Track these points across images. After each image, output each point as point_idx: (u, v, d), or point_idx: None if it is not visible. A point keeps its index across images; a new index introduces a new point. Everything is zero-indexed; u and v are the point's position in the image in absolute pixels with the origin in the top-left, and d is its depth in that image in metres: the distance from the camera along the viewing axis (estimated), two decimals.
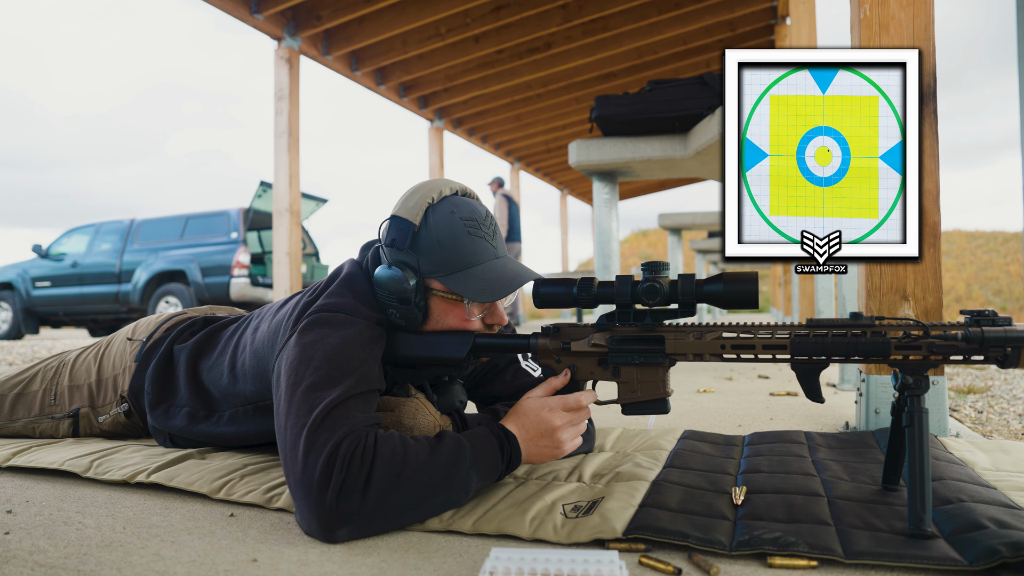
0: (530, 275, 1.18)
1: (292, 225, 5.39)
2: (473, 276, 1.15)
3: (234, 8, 5.02)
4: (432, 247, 1.16)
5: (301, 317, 1.15)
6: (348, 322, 1.13)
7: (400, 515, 0.97)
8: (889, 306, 1.64)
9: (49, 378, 1.66)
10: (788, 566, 0.85)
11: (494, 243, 1.20)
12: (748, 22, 6.74)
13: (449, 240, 1.16)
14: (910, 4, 1.64)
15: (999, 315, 0.92)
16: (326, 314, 1.13)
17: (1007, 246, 17.84)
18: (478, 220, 1.19)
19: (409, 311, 1.17)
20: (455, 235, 1.16)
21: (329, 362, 1.05)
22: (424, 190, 1.19)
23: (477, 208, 1.21)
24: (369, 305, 1.18)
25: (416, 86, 7.30)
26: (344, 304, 1.15)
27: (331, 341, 1.09)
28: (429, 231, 1.16)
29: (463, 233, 1.16)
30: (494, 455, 1.06)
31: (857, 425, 1.74)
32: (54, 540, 0.98)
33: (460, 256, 1.16)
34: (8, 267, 8.41)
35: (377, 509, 0.94)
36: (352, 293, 1.19)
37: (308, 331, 1.11)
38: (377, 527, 0.96)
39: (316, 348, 1.08)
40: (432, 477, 0.98)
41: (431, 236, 1.16)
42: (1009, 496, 1.08)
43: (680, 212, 6.15)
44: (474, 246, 1.17)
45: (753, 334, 1.01)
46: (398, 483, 0.95)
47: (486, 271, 1.16)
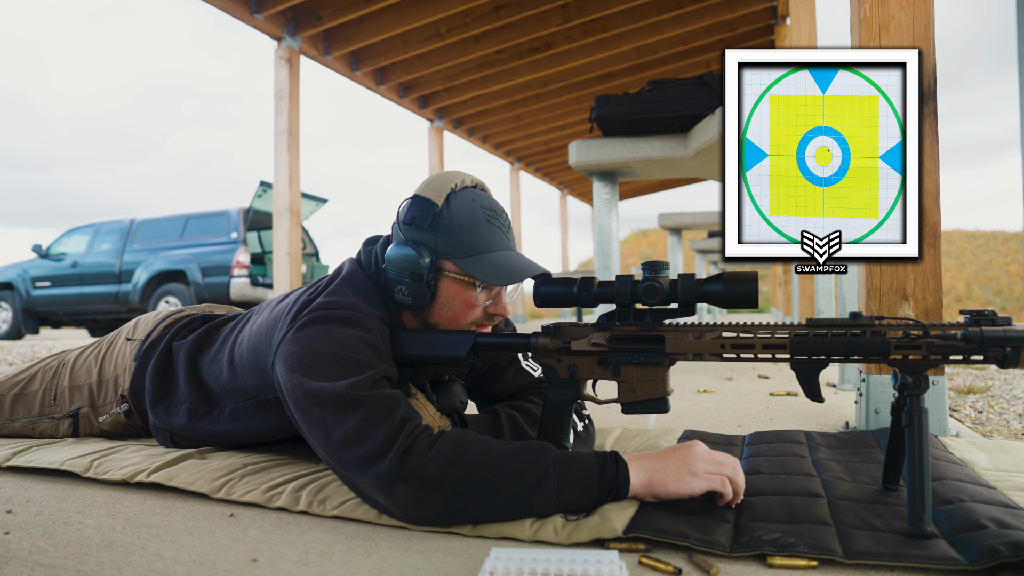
0: (540, 268, 1.20)
1: (292, 225, 5.39)
2: (488, 261, 1.17)
3: (234, 8, 5.02)
4: (452, 228, 1.18)
5: (300, 314, 1.16)
6: (350, 318, 1.13)
7: (460, 495, 0.95)
8: (889, 306, 1.64)
9: (49, 378, 1.66)
10: (788, 566, 0.85)
11: (508, 236, 1.23)
12: (748, 22, 6.74)
13: (469, 224, 1.18)
14: (910, 4, 1.64)
15: (999, 315, 0.92)
16: (328, 311, 1.14)
17: (1007, 246, 17.84)
18: (496, 211, 1.22)
19: (419, 288, 1.18)
20: (475, 220, 1.19)
21: (340, 356, 1.07)
22: (447, 176, 1.22)
23: (494, 201, 1.24)
24: (371, 303, 1.19)
25: (416, 86, 7.30)
26: (346, 302, 1.16)
27: (338, 335, 1.10)
28: (451, 212, 1.18)
29: (482, 220, 1.19)
30: (587, 469, 0.99)
31: (857, 425, 1.74)
32: (54, 540, 0.98)
33: (478, 240, 1.18)
34: (8, 267, 8.40)
35: (439, 476, 0.95)
36: (353, 291, 1.19)
37: (310, 327, 1.11)
38: (436, 497, 0.95)
39: (323, 343, 1.08)
40: (504, 467, 0.96)
41: (452, 218, 1.18)
42: (1009, 496, 1.08)
43: (680, 212, 6.15)
44: (491, 234, 1.19)
45: (753, 334, 1.01)
46: (464, 459, 0.96)
47: (500, 258, 1.18)
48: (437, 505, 0.96)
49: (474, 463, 0.96)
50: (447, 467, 0.95)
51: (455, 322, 1.22)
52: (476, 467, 0.96)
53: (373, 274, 1.24)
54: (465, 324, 1.23)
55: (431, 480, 0.95)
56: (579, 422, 1.35)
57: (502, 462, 0.97)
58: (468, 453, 0.96)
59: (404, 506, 0.96)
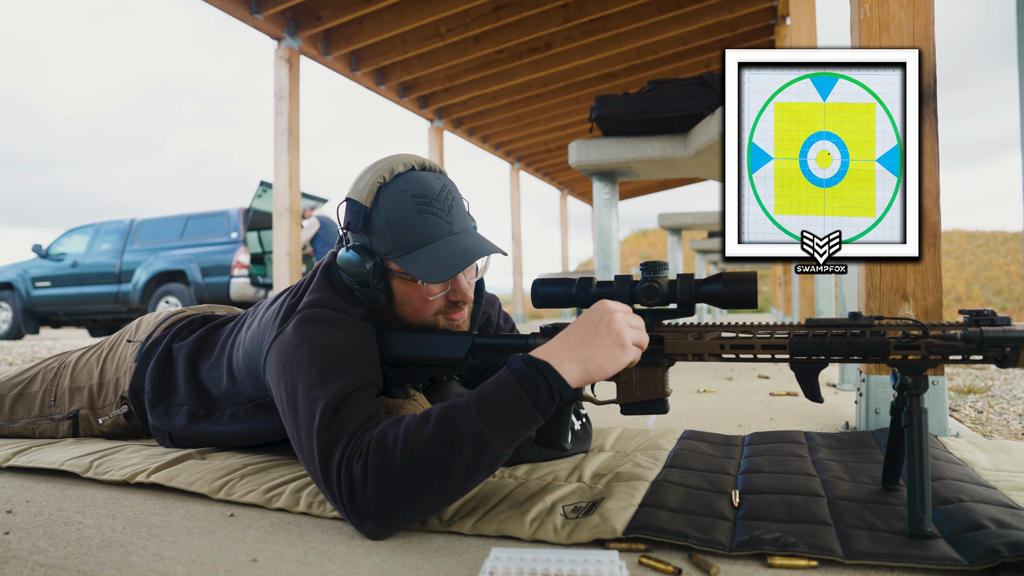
0: (485, 249, 1.15)
1: (292, 225, 5.39)
2: (424, 256, 1.13)
3: (234, 8, 5.02)
4: (382, 228, 1.14)
5: (287, 317, 1.15)
6: (333, 318, 1.12)
7: (415, 498, 0.92)
8: (889, 306, 1.64)
9: (49, 379, 1.66)
10: (788, 566, 0.85)
11: (448, 219, 1.16)
12: (748, 22, 6.74)
13: (399, 220, 1.14)
14: (910, 4, 1.64)
15: (998, 315, 0.92)
16: (311, 311, 1.13)
17: (1007, 246, 17.84)
18: (429, 196, 1.15)
19: (371, 293, 1.16)
20: (405, 214, 1.14)
21: (319, 362, 1.05)
22: (376, 169, 1.17)
23: (430, 183, 1.16)
24: (350, 300, 1.18)
25: (416, 86, 7.30)
26: (326, 299, 1.15)
27: (318, 340, 1.08)
28: (380, 211, 1.14)
29: (413, 212, 1.14)
30: (512, 395, 0.94)
31: (857, 425, 1.74)
32: (54, 540, 0.98)
33: (411, 236, 1.14)
34: (8, 267, 8.41)
35: (385, 498, 0.92)
36: (334, 288, 1.18)
37: (295, 332, 1.10)
38: (397, 515, 0.93)
39: (304, 348, 1.07)
40: (435, 451, 0.91)
41: (381, 217, 1.14)
42: (1009, 496, 1.08)
43: (680, 212, 6.15)
44: (425, 224, 1.14)
45: (752, 334, 1.01)
46: (395, 469, 0.91)
47: (438, 249, 1.13)
48: (401, 518, 0.94)
49: (408, 466, 0.91)
50: (385, 490, 0.92)
51: (420, 316, 1.19)
52: (413, 468, 0.91)
53: None
54: (430, 316, 1.19)
55: (383, 506, 0.92)
56: (576, 421, 1.35)
57: (428, 448, 0.91)
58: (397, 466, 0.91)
59: (378, 533, 0.95)
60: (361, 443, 0.95)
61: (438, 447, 0.92)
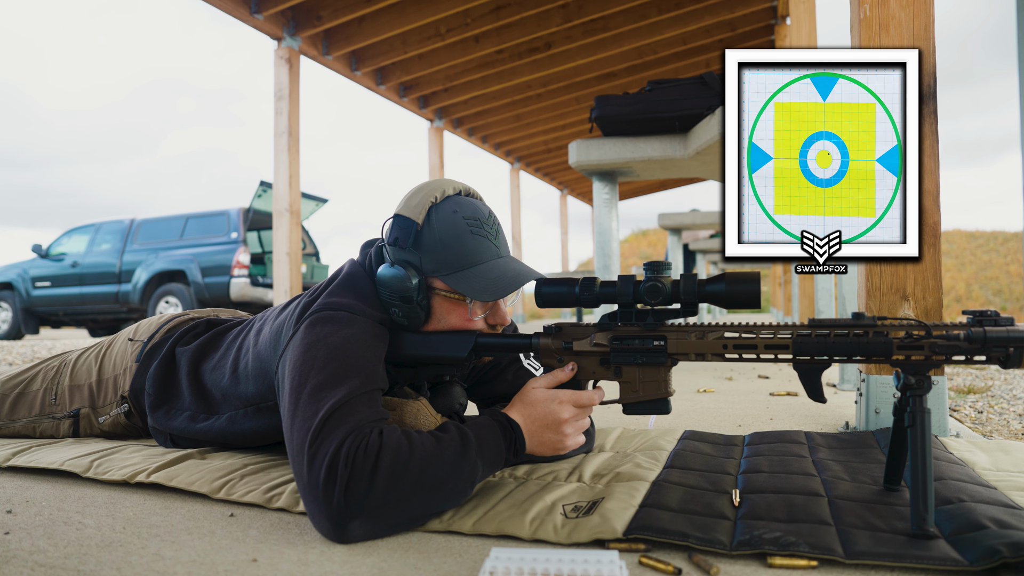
0: (532, 274, 1.18)
1: (292, 225, 5.39)
2: (475, 275, 1.15)
3: (234, 8, 5.02)
4: (435, 246, 1.16)
5: (303, 317, 1.15)
6: (351, 320, 1.13)
7: (410, 506, 0.95)
8: (889, 306, 1.64)
9: (50, 378, 1.66)
10: (788, 566, 0.85)
11: (496, 243, 1.20)
12: (748, 22, 6.74)
13: (452, 239, 1.16)
14: (910, 4, 1.64)
15: (1001, 315, 0.92)
16: (328, 312, 1.13)
17: (1007, 246, 17.85)
18: (480, 220, 1.19)
19: (412, 310, 1.17)
20: (458, 234, 1.16)
21: (333, 361, 1.05)
22: (427, 189, 1.19)
23: (480, 208, 1.21)
24: (371, 304, 1.18)
25: (416, 86, 7.30)
26: (346, 303, 1.15)
27: (334, 340, 1.08)
28: (432, 230, 1.16)
29: (466, 232, 1.17)
30: (498, 443, 1.05)
31: (857, 425, 1.74)
32: (54, 540, 0.98)
33: (462, 255, 1.16)
34: (8, 267, 8.40)
35: (386, 499, 0.93)
36: (353, 293, 1.19)
37: (310, 330, 1.11)
38: (388, 519, 0.94)
39: (319, 348, 1.07)
40: (440, 467, 0.97)
41: (434, 235, 1.16)
42: (1009, 496, 1.08)
43: (680, 212, 6.15)
44: (477, 245, 1.17)
45: (755, 334, 1.01)
46: (405, 473, 0.94)
47: (488, 270, 1.16)
48: (389, 524, 0.95)
49: (416, 472, 0.95)
50: (390, 491, 0.93)
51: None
52: (419, 477, 0.95)
53: (372, 275, 1.24)
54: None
55: (380, 507, 0.93)
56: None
57: (437, 462, 0.97)
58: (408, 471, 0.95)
59: (359, 535, 0.95)
60: (363, 442, 0.95)
61: (442, 463, 0.97)
